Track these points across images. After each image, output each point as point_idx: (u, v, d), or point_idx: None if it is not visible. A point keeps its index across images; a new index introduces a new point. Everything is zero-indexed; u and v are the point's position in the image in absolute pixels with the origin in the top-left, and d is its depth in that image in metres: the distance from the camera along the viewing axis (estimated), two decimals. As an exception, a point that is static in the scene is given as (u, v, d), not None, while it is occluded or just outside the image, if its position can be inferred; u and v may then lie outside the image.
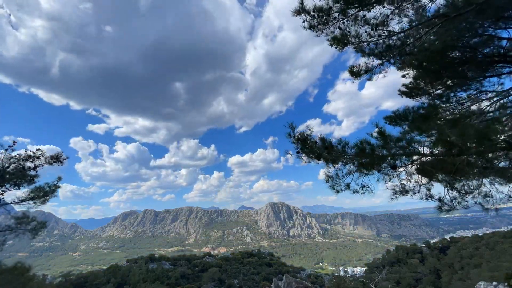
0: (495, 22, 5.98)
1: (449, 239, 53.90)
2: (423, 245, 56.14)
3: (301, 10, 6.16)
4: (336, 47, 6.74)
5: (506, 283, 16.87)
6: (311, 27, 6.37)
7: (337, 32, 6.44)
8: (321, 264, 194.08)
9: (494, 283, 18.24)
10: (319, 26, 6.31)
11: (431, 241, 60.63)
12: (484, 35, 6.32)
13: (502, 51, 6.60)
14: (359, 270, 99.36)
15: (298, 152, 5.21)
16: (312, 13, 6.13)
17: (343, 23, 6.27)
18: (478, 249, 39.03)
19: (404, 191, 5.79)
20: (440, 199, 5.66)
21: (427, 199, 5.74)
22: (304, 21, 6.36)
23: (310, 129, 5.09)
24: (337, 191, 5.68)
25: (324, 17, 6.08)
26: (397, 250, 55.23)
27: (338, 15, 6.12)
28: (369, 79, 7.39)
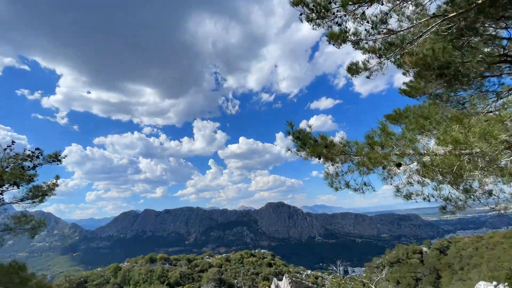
0: (496, 21, 5.96)
1: (449, 239, 53.87)
2: (423, 245, 56.14)
3: (299, 1, 5.97)
4: (333, 44, 6.65)
5: (506, 283, 16.87)
6: (308, 20, 6.19)
7: (336, 28, 6.31)
8: (321, 264, 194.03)
9: (494, 283, 18.20)
10: (317, 20, 6.12)
11: (431, 241, 60.56)
12: (484, 34, 6.31)
13: (502, 51, 6.59)
14: (359, 270, 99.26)
15: (298, 150, 5.24)
16: (310, 6, 5.94)
17: (341, 18, 6.17)
18: (478, 249, 39.03)
19: (407, 194, 5.75)
20: (445, 199, 5.64)
21: (429, 200, 5.70)
22: (301, 14, 6.15)
23: (310, 127, 5.13)
24: (336, 189, 5.66)
25: (323, 11, 5.91)
26: (397, 250, 55.20)
27: (337, 10, 5.97)
28: (368, 77, 7.36)
